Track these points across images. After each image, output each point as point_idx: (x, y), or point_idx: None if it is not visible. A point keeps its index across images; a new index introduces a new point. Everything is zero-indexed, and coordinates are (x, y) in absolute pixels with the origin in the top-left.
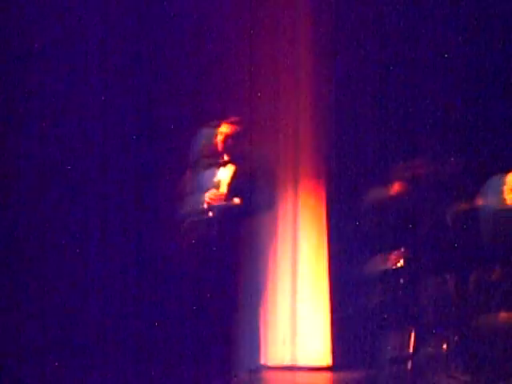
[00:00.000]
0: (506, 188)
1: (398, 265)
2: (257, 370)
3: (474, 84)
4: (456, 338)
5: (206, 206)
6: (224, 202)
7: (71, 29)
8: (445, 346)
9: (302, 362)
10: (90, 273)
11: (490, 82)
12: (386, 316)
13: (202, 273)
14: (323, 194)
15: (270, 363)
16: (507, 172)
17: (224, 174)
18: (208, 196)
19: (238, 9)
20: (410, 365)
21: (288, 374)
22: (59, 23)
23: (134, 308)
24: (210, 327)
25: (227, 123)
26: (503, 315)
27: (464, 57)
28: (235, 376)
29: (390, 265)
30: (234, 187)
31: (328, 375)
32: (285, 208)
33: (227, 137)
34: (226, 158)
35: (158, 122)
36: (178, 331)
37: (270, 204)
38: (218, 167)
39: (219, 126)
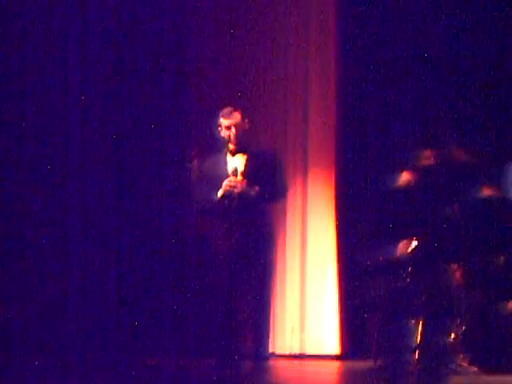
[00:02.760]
0: None
1: (407, 254)
2: (264, 358)
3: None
4: (464, 328)
5: (222, 193)
6: (241, 190)
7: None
8: (452, 336)
9: (311, 350)
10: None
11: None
12: (394, 305)
13: (212, 261)
14: (332, 184)
15: (279, 351)
16: None
17: (234, 164)
18: (227, 184)
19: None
20: (416, 354)
21: (296, 363)
22: (41, 26)
23: (140, 297)
24: (218, 316)
25: (238, 113)
26: None
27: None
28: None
29: (398, 254)
30: (248, 176)
31: (336, 364)
32: (293, 197)
33: (240, 126)
34: (237, 147)
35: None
36: (185, 320)
37: (283, 193)
38: (225, 157)
39: (231, 115)
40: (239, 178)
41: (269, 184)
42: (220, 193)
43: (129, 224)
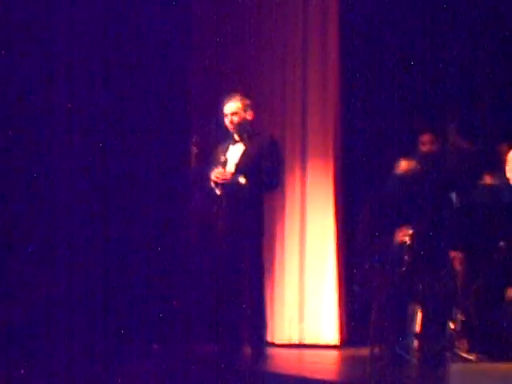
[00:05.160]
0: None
1: (406, 243)
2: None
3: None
4: (462, 317)
5: (212, 184)
6: (229, 181)
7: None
8: (451, 325)
9: (309, 340)
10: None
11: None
12: (393, 293)
13: (207, 251)
14: (331, 173)
15: (278, 341)
16: None
17: (232, 153)
18: (214, 174)
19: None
20: (416, 343)
21: (295, 352)
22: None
23: (142, 287)
24: (216, 306)
25: (236, 103)
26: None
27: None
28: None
29: (397, 243)
30: (241, 167)
31: (335, 353)
32: (293, 187)
33: (238, 115)
34: (234, 137)
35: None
36: (184, 310)
37: (278, 184)
38: (227, 146)
39: (229, 103)
40: (232, 168)
41: (260, 175)
42: (211, 184)
43: (119, 216)
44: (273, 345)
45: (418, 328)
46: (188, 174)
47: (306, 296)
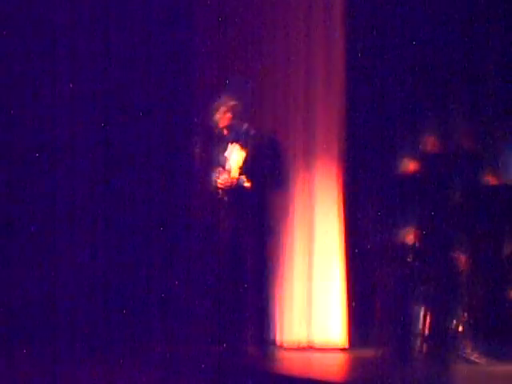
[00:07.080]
0: None
1: (414, 242)
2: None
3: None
4: (470, 319)
5: (217, 189)
6: (234, 186)
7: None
8: (459, 328)
9: (318, 342)
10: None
11: None
12: (400, 292)
13: (216, 256)
14: (338, 173)
15: (286, 343)
16: None
17: (233, 157)
18: (219, 181)
19: None
20: (423, 346)
21: (304, 355)
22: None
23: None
24: (222, 307)
25: (219, 114)
26: None
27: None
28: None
29: (405, 242)
30: (245, 170)
31: (344, 356)
32: (300, 187)
33: (225, 127)
34: (235, 140)
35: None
36: (188, 314)
37: (283, 185)
38: (228, 150)
39: (228, 108)
40: (234, 172)
41: (263, 176)
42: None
43: (122, 217)
44: (281, 347)
45: (422, 329)
46: (192, 177)
47: (314, 298)
